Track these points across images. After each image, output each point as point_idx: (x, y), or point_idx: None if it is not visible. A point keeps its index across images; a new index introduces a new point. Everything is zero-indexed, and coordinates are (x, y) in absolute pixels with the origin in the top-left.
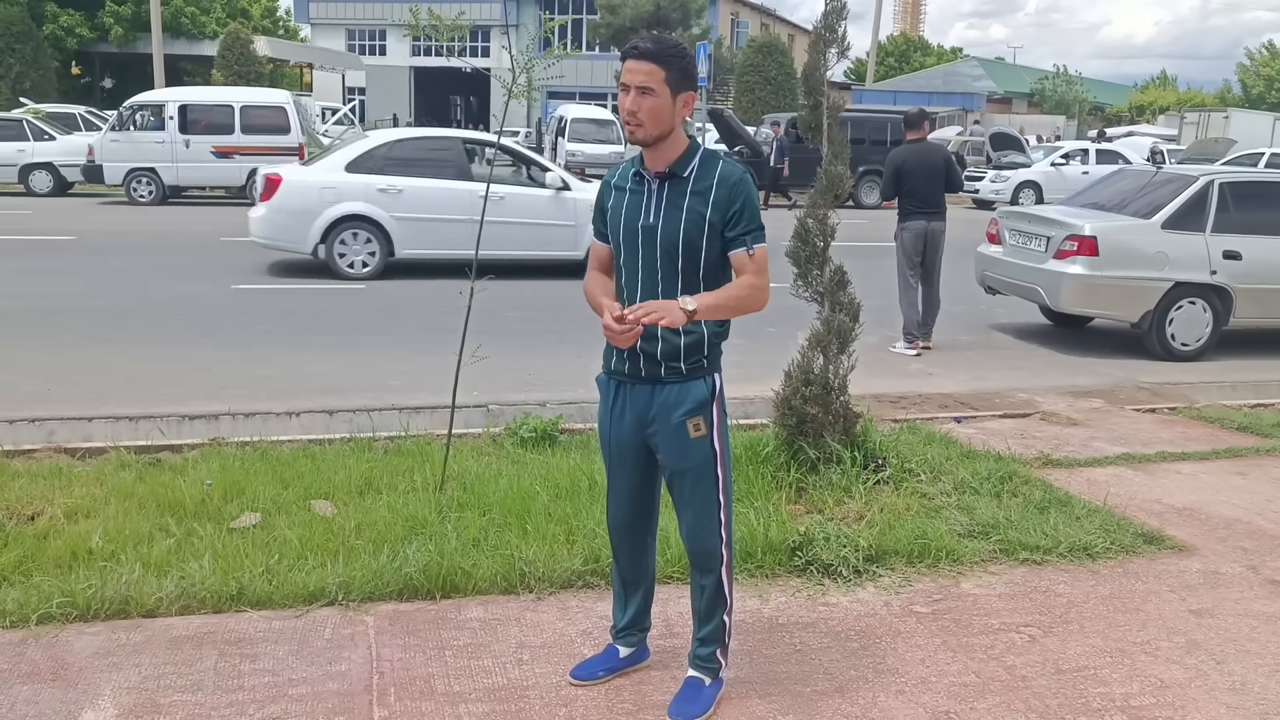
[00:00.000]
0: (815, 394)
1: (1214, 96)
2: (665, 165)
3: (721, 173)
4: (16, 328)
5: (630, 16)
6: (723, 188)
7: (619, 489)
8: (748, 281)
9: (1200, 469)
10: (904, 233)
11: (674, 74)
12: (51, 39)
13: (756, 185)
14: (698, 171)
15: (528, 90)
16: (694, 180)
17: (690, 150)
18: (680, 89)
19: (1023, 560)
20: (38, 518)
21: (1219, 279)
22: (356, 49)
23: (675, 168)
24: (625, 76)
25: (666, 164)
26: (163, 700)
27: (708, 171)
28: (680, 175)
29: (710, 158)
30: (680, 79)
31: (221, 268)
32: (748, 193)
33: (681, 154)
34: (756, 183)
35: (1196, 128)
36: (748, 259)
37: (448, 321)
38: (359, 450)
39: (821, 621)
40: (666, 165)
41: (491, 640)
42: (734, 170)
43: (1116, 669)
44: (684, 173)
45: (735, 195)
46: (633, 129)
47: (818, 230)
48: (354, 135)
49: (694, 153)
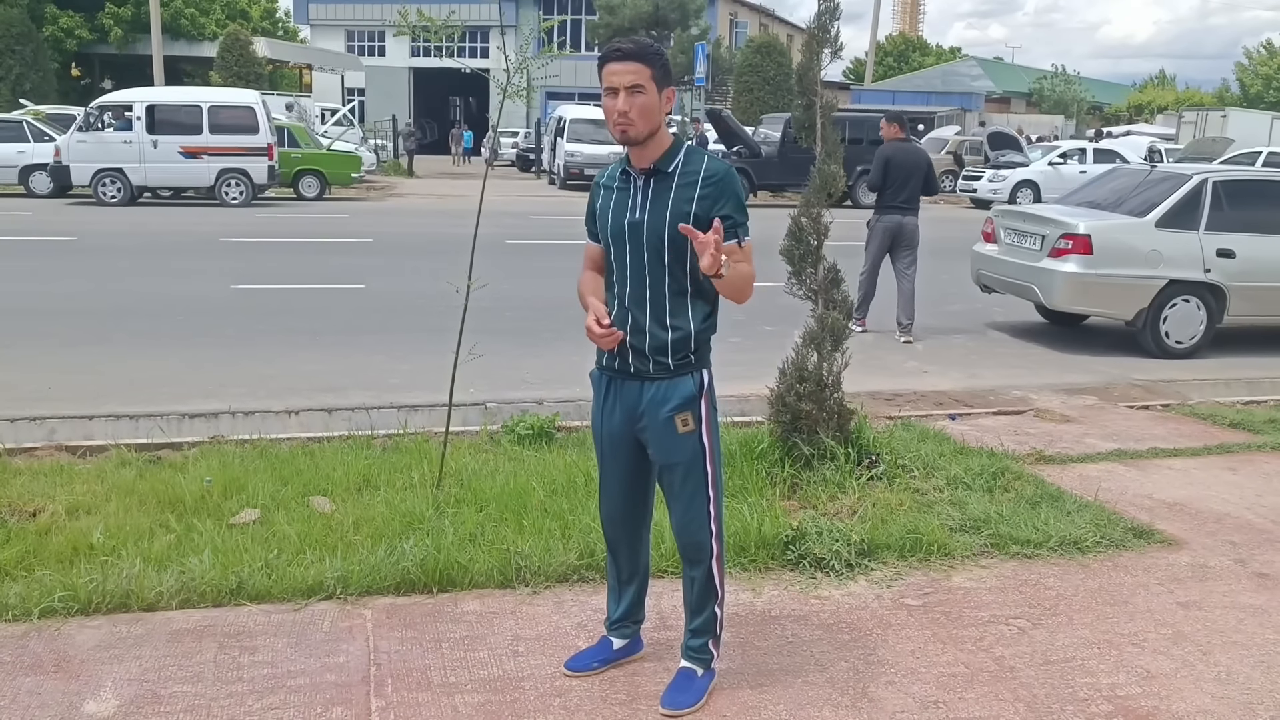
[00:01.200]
0: (809, 391)
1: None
2: (650, 162)
3: (707, 168)
4: (18, 327)
5: (629, 17)
6: (708, 182)
7: (611, 483)
8: (746, 269)
9: (1192, 465)
10: (878, 224)
11: (658, 71)
12: (51, 40)
13: (757, 185)
14: (683, 167)
15: (525, 91)
16: (679, 175)
17: (675, 146)
18: (664, 85)
19: (1013, 554)
20: (39, 514)
21: (1213, 277)
22: (356, 50)
23: (660, 164)
24: (611, 79)
25: (652, 160)
26: (163, 691)
27: (693, 167)
28: (665, 171)
29: (695, 153)
30: (663, 75)
31: (220, 268)
32: (734, 185)
33: (666, 150)
34: (756, 182)
35: (1194, 127)
36: (738, 249)
37: (444, 321)
38: (357, 448)
39: (813, 614)
40: (652, 162)
41: (487, 633)
42: (719, 165)
43: (1104, 660)
44: (669, 168)
45: (721, 190)
46: (624, 128)
47: (811, 229)
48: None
49: (678, 148)
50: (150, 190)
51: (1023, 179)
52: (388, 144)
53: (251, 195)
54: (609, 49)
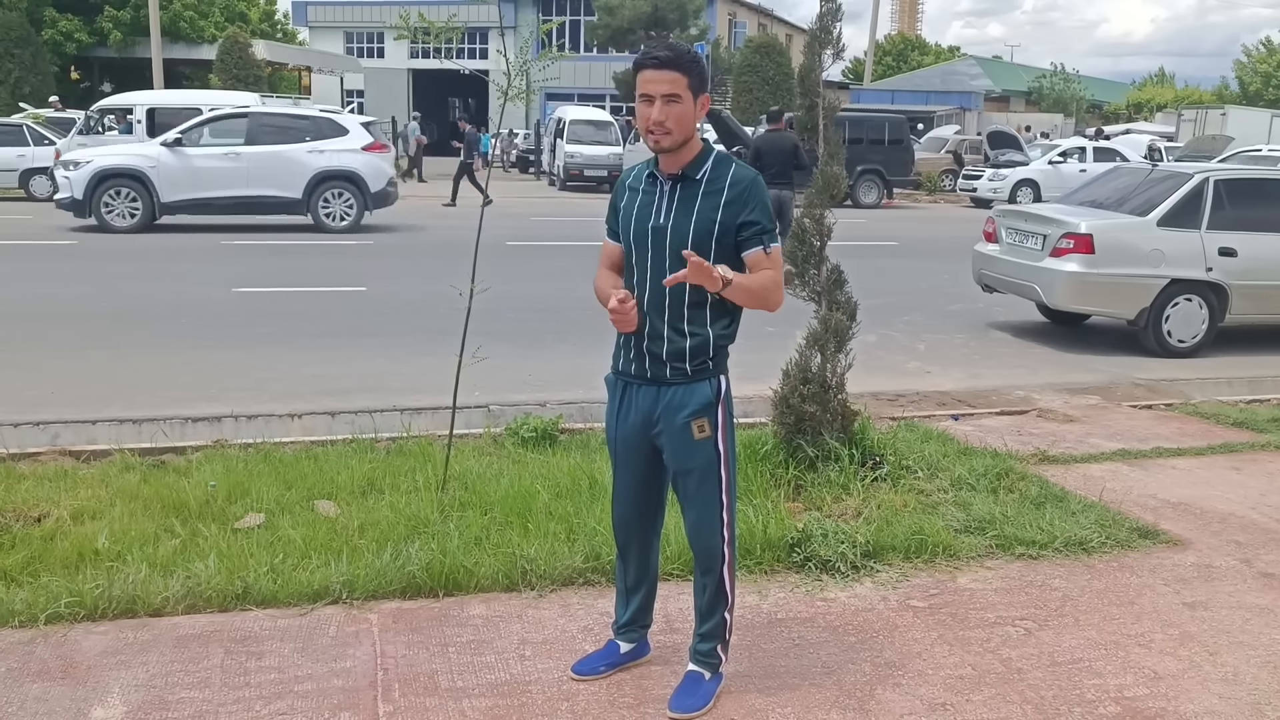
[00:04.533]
0: (813, 392)
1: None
2: (679, 167)
3: (734, 175)
4: (20, 331)
5: (628, 18)
6: (735, 190)
7: (623, 487)
8: (769, 276)
9: (1195, 464)
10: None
11: (694, 79)
12: (51, 44)
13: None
14: (710, 174)
15: (525, 92)
16: (706, 182)
17: (704, 153)
18: (699, 92)
19: (1019, 555)
20: (44, 519)
21: (1214, 276)
22: (355, 52)
23: (688, 170)
24: (647, 87)
25: (680, 166)
26: (171, 697)
27: (720, 174)
28: (693, 177)
29: (723, 160)
30: (699, 83)
31: (221, 271)
32: (761, 193)
33: (695, 156)
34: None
35: (1194, 125)
36: (764, 257)
37: (445, 323)
38: (361, 451)
39: (819, 616)
40: (680, 167)
41: (494, 637)
42: (746, 172)
43: (1111, 661)
44: (697, 175)
45: (747, 198)
46: (659, 137)
47: (815, 230)
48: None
49: (707, 155)
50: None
51: (1022, 178)
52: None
53: None
54: (645, 54)
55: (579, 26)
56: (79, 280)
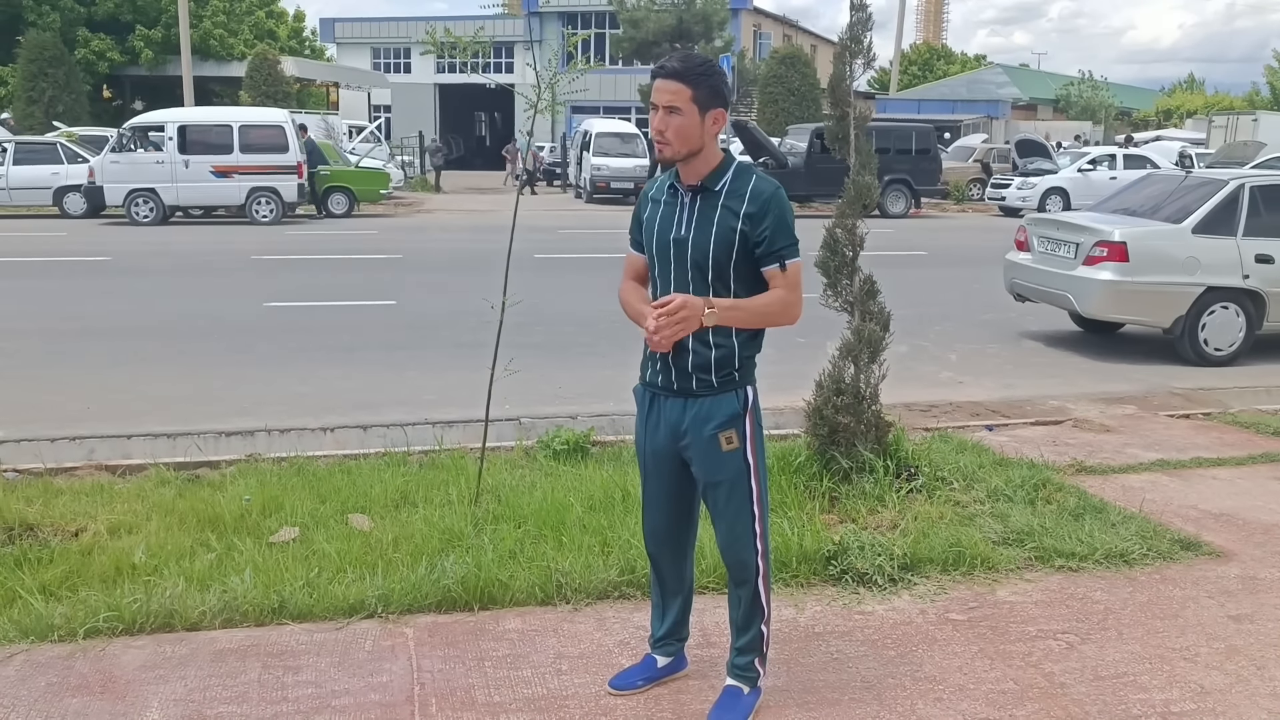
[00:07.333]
0: (847, 403)
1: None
2: (698, 179)
3: (754, 187)
4: (56, 348)
5: (653, 30)
6: (755, 202)
7: (654, 499)
8: (778, 295)
9: (1236, 474)
10: None
11: (702, 92)
12: (83, 63)
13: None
14: (730, 185)
15: (551, 105)
16: (726, 194)
17: (724, 164)
18: (709, 106)
19: (1058, 567)
20: (81, 534)
21: (1251, 283)
22: (381, 67)
23: (708, 181)
24: (654, 96)
25: (699, 177)
26: (209, 712)
27: (740, 185)
28: (712, 189)
29: (743, 171)
30: (709, 96)
31: (253, 286)
32: (780, 207)
33: (714, 168)
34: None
35: (1225, 131)
36: (779, 274)
37: (476, 336)
38: (394, 465)
39: (858, 630)
40: (699, 179)
41: (530, 651)
42: (767, 185)
43: (1156, 675)
44: (716, 186)
45: (767, 210)
46: (661, 147)
47: (846, 240)
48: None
49: (727, 167)
50: (182, 209)
51: (1052, 186)
52: (414, 160)
53: (281, 213)
54: (659, 63)
55: (604, 40)
56: (112, 296)
